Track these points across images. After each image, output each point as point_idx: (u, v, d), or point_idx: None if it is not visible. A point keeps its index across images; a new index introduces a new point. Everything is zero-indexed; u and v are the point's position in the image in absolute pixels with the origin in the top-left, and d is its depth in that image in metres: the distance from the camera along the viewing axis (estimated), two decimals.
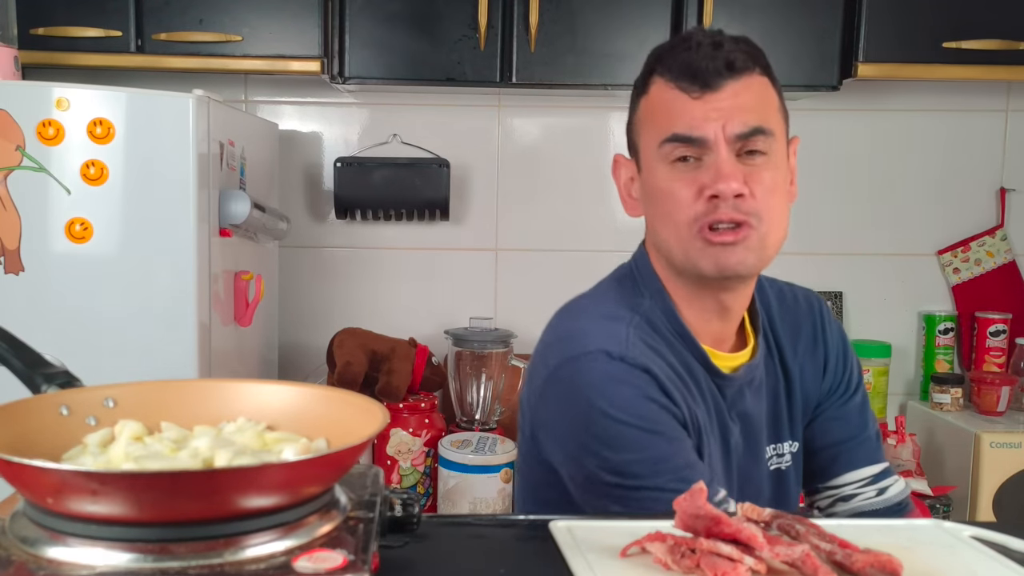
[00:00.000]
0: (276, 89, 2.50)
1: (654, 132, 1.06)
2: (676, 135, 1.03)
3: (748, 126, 1.02)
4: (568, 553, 0.74)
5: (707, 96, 1.02)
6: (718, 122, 1.02)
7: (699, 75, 1.02)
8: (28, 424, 0.69)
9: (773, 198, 1.05)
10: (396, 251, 2.53)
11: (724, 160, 1.02)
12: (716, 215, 1.02)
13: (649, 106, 1.08)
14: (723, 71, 1.02)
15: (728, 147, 1.02)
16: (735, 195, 1.02)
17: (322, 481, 0.64)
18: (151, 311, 1.74)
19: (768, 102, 1.06)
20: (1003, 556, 0.75)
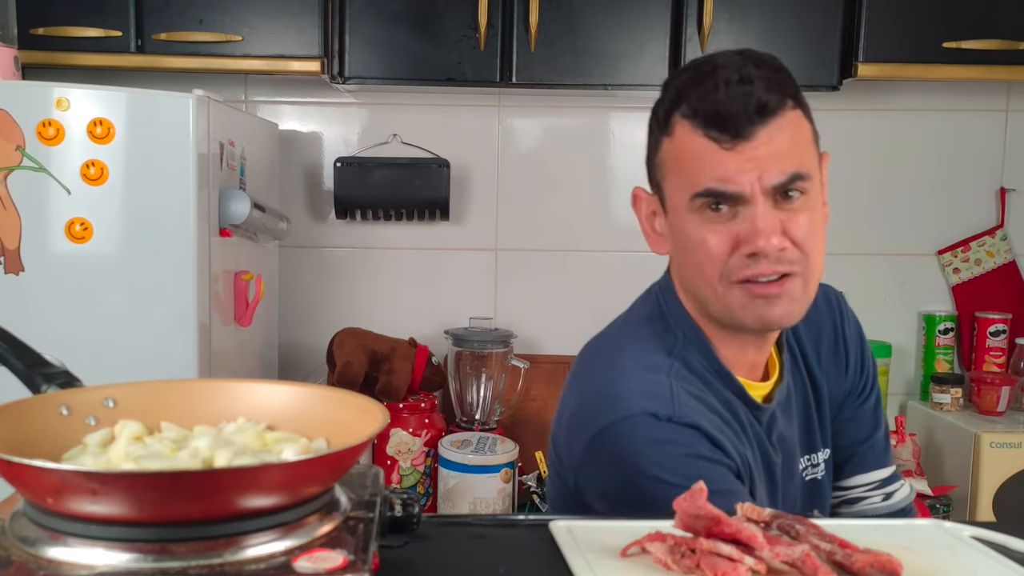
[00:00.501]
0: (276, 89, 2.50)
1: (682, 182, 1.00)
2: (709, 190, 0.97)
3: (786, 174, 0.96)
4: (568, 553, 0.74)
5: (739, 146, 0.95)
6: (753, 173, 0.95)
7: (729, 122, 0.95)
8: (28, 424, 0.69)
9: (814, 240, 0.99)
10: (396, 251, 2.53)
11: (761, 214, 0.96)
12: (756, 270, 0.97)
13: (675, 151, 1.00)
14: (754, 117, 0.95)
15: (765, 198, 0.96)
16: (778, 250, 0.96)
17: (322, 481, 0.64)
18: (151, 311, 1.74)
19: (803, 139, 0.99)
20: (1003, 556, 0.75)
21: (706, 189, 0.97)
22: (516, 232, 2.54)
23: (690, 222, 1.00)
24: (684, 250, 1.02)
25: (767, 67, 0.98)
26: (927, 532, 0.81)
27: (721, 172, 0.95)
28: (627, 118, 2.52)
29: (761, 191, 0.95)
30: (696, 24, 2.14)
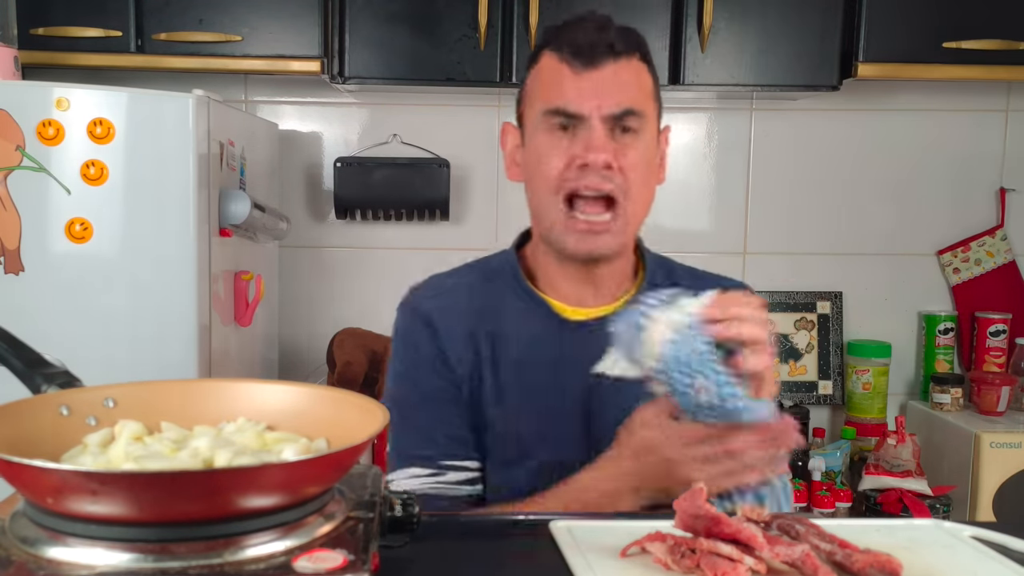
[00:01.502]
0: (276, 89, 2.50)
1: (538, 102, 1.14)
2: (557, 108, 1.11)
3: (622, 107, 1.10)
4: (568, 553, 0.74)
5: (588, 73, 1.10)
6: (594, 100, 1.09)
7: (583, 52, 1.10)
8: (28, 424, 0.69)
9: (638, 174, 1.12)
10: (396, 251, 2.52)
11: (596, 134, 1.09)
12: (583, 182, 1.10)
13: (537, 76, 1.15)
14: (605, 51, 1.10)
15: (602, 124, 1.09)
16: (603, 165, 1.09)
17: (322, 481, 0.64)
18: (151, 311, 1.74)
19: (643, 86, 1.13)
20: (1003, 556, 0.75)
21: (555, 107, 1.11)
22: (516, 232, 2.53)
23: (539, 139, 1.14)
24: (531, 167, 1.16)
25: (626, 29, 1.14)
26: (927, 532, 0.81)
27: (570, 94, 1.10)
28: None
29: (599, 117, 1.09)
30: (696, 24, 2.14)
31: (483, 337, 1.17)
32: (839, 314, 2.56)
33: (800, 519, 0.75)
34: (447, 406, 1.15)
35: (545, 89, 1.13)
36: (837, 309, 2.56)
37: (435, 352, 1.17)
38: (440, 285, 1.24)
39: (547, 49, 1.14)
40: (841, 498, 2.21)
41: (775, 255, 2.56)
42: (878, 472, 2.19)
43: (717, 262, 2.57)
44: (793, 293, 2.55)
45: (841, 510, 2.20)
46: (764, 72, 2.18)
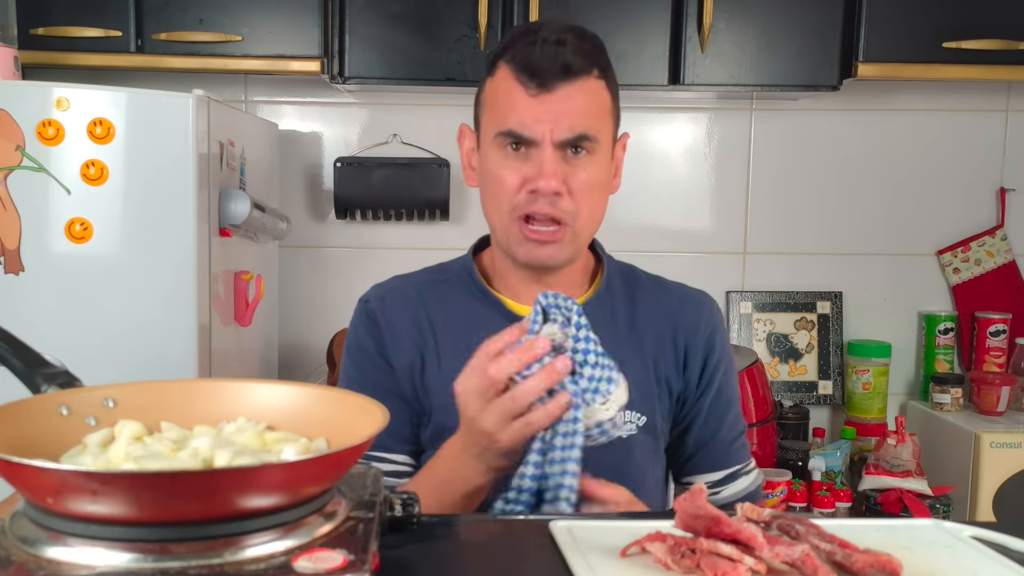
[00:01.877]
0: (276, 89, 2.50)
1: (492, 119, 1.15)
2: (510, 131, 1.12)
3: (574, 132, 1.10)
4: (568, 553, 0.74)
5: (542, 96, 1.10)
6: (547, 125, 1.10)
7: (537, 74, 1.09)
8: (28, 424, 0.69)
9: (590, 196, 1.14)
10: (396, 251, 2.52)
11: (547, 159, 1.10)
12: (534, 208, 1.12)
13: (492, 90, 1.16)
14: (559, 73, 1.09)
15: (553, 148, 1.11)
16: (553, 192, 1.11)
17: (322, 481, 0.64)
18: (151, 311, 1.74)
19: (598, 106, 1.13)
20: (1003, 556, 0.75)
21: (508, 130, 1.12)
22: None
23: (493, 157, 1.15)
24: (486, 182, 1.18)
25: (586, 41, 1.13)
26: (927, 532, 0.81)
27: (523, 116, 1.11)
28: (627, 118, 2.50)
29: (551, 141, 1.10)
30: (696, 24, 2.14)
31: (427, 329, 1.21)
32: (839, 314, 2.56)
33: (800, 519, 0.75)
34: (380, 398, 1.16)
35: (499, 108, 1.14)
36: (837, 309, 2.56)
37: (373, 345, 1.22)
38: (391, 283, 1.30)
39: (503, 61, 1.14)
40: (841, 498, 2.21)
41: (775, 255, 2.56)
42: (878, 472, 2.19)
43: (717, 262, 2.57)
44: (793, 293, 2.55)
45: (841, 510, 2.20)
46: (764, 72, 2.18)
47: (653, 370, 1.21)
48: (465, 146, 1.25)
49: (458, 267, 1.28)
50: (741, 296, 2.55)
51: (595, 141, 1.13)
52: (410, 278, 1.30)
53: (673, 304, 1.25)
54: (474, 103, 1.23)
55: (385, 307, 1.24)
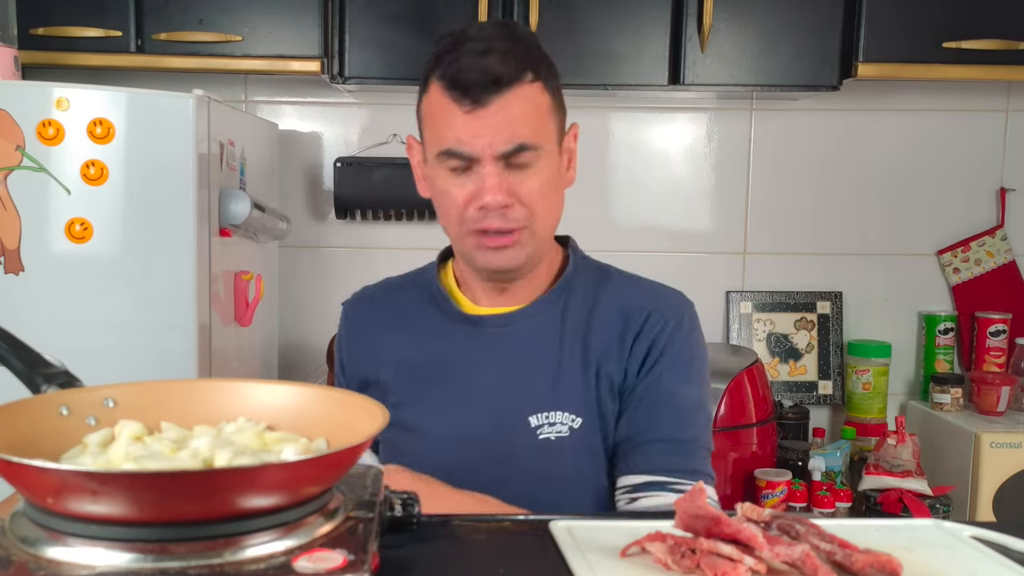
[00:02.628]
0: (276, 89, 2.50)
1: (432, 138, 1.15)
2: (449, 150, 1.11)
3: (513, 143, 1.09)
4: (568, 553, 0.74)
5: (476, 112, 1.09)
6: (485, 139, 1.09)
7: (468, 91, 1.08)
8: (28, 424, 0.69)
9: (542, 200, 1.13)
10: (396, 251, 2.52)
11: (489, 174, 1.10)
12: (485, 223, 1.12)
13: (428, 108, 1.16)
14: (489, 86, 1.08)
15: (494, 162, 1.10)
16: (501, 207, 1.10)
17: (322, 481, 0.64)
18: (151, 311, 1.74)
19: (535, 110, 1.11)
20: (1003, 556, 0.75)
21: (447, 149, 1.12)
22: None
23: (438, 174, 1.15)
24: (436, 198, 1.19)
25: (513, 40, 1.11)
26: (927, 532, 0.81)
27: (460, 134, 1.10)
28: (627, 118, 2.53)
29: (492, 156, 1.09)
30: (696, 24, 2.14)
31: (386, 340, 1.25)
32: (839, 314, 2.56)
33: (800, 519, 0.75)
34: None
35: (436, 127, 1.14)
36: (837, 309, 2.56)
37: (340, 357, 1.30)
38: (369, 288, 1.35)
39: (434, 78, 1.13)
40: (841, 498, 2.21)
41: (775, 255, 2.56)
42: (878, 472, 2.19)
43: (717, 262, 2.57)
44: (793, 293, 2.55)
45: (841, 510, 2.20)
46: (764, 72, 2.18)
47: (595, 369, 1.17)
48: (415, 157, 1.25)
49: (425, 271, 1.32)
50: (741, 296, 2.55)
51: (537, 148, 1.11)
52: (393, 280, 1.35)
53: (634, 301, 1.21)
54: (416, 117, 1.23)
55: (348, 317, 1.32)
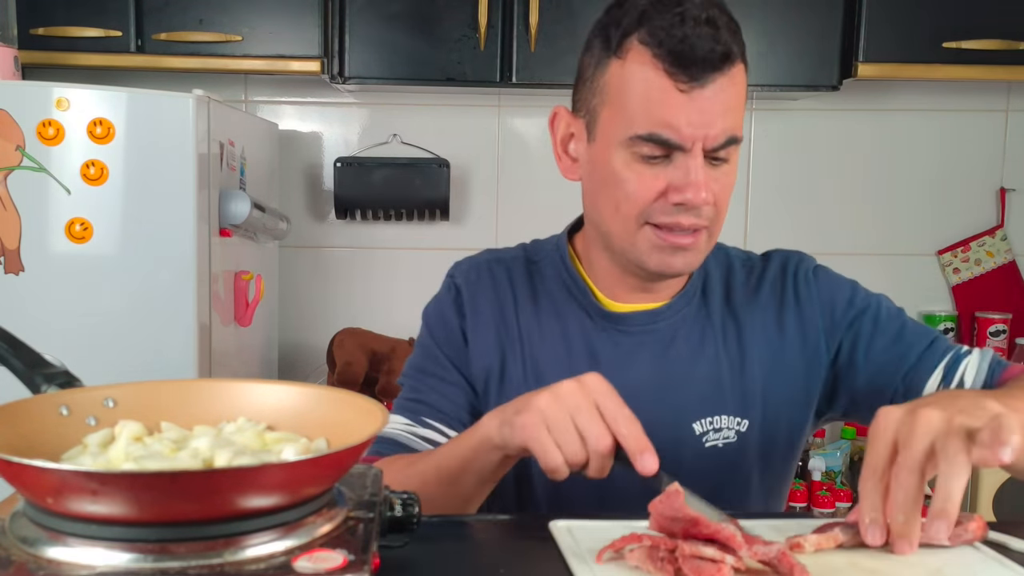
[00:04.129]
0: (276, 89, 2.50)
1: (624, 116, 0.96)
2: (654, 135, 0.95)
3: (727, 135, 0.96)
4: (568, 554, 0.74)
5: (694, 92, 0.93)
6: (700, 130, 0.94)
7: (693, 64, 0.92)
8: (28, 424, 0.69)
9: (728, 195, 1.01)
10: (396, 251, 2.52)
11: (697, 168, 0.95)
12: (677, 220, 0.97)
13: (624, 79, 0.96)
14: (717, 63, 0.92)
15: (704, 156, 0.96)
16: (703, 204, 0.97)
17: (322, 481, 0.64)
18: (151, 311, 1.74)
19: (743, 99, 0.99)
20: (1003, 556, 0.75)
21: (651, 134, 0.95)
22: (516, 232, 2.52)
23: (620, 158, 0.98)
24: (604, 183, 1.01)
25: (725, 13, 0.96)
26: None
27: (670, 118, 0.93)
28: None
29: (703, 148, 0.95)
30: None
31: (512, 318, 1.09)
32: None
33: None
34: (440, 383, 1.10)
35: (636, 103, 0.95)
36: None
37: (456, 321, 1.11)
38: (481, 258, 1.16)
39: (640, 41, 0.94)
40: (841, 498, 2.21)
41: None
42: None
43: None
44: None
45: (841, 510, 2.20)
46: (764, 72, 2.18)
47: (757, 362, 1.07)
48: (561, 131, 1.06)
49: (551, 247, 1.15)
50: None
51: (740, 142, 0.99)
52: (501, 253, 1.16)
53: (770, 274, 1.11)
54: (581, 86, 1.03)
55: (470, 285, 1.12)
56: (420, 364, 1.13)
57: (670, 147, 0.95)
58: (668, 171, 0.96)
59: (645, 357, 1.07)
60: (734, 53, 0.94)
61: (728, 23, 0.95)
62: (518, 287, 1.12)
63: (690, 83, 0.92)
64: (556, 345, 1.08)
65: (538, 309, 1.10)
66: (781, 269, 1.12)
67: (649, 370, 1.06)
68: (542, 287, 1.11)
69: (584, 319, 1.09)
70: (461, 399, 1.10)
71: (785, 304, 1.09)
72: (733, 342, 1.08)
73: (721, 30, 0.93)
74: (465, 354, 1.10)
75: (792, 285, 1.10)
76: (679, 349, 1.07)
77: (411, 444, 1.07)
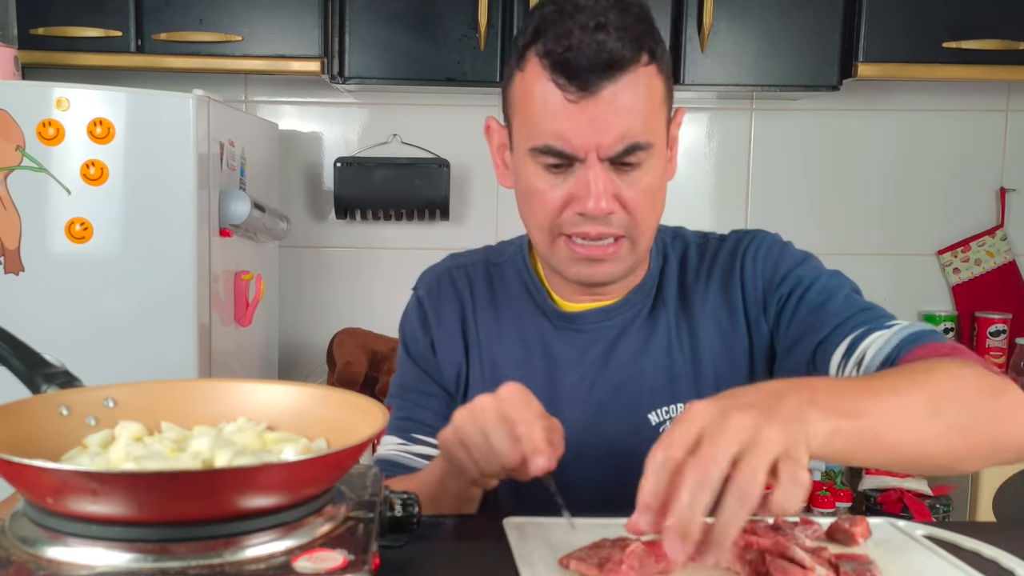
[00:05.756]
0: (276, 89, 2.50)
1: (525, 127, 0.98)
2: (547, 147, 0.95)
3: (624, 142, 0.93)
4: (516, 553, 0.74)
5: (583, 101, 0.92)
6: (592, 137, 0.93)
7: (577, 73, 0.91)
8: (28, 424, 0.69)
9: (649, 202, 0.98)
10: (396, 251, 2.52)
11: (594, 177, 0.94)
12: (584, 229, 0.97)
13: (524, 90, 0.97)
14: (603, 71, 0.91)
15: (600, 163, 0.94)
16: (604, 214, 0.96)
17: (322, 481, 0.64)
18: (151, 311, 1.74)
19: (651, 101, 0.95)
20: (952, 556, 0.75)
21: (544, 145, 0.95)
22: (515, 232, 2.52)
23: (529, 168, 0.99)
24: (523, 194, 1.02)
25: (629, 14, 0.94)
26: (880, 531, 0.81)
27: (562, 128, 0.93)
28: None
29: (598, 157, 0.94)
30: (696, 24, 2.14)
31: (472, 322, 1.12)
32: None
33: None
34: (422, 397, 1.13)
35: (532, 115, 0.96)
36: None
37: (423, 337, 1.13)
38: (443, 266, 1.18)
39: (532, 52, 0.95)
40: (841, 498, 2.21)
41: None
42: (878, 472, 2.19)
43: None
44: None
45: (841, 510, 2.20)
46: (764, 72, 2.18)
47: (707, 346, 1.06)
48: (495, 142, 1.08)
49: (514, 249, 1.16)
50: None
51: (649, 146, 0.95)
52: (463, 258, 1.18)
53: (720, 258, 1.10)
54: (502, 96, 1.04)
55: (432, 296, 1.14)
56: (402, 381, 1.16)
57: (565, 157, 0.95)
58: (570, 181, 0.96)
59: (599, 353, 1.08)
60: (625, 58, 0.92)
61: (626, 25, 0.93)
62: (477, 291, 1.13)
63: (578, 93, 0.92)
64: (514, 346, 1.10)
65: (497, 312, 1.12)
66: (732, 249, 1.11)
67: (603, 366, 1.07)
68: (502, 290, 1.13)
69: (541, 319, 1.10)
70: (444, 410, 1.12)
71: (732, 284, 1.08)
72: (684, 329, 1.08)
73: (611, 36, 0.91)
74: (436, 365, 1.13)
75: (739, 264, 1.09)
76: (632, 342, 1.08)
77: (407, 463, 1.10)
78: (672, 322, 1.08)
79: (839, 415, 0.71)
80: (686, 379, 1.06)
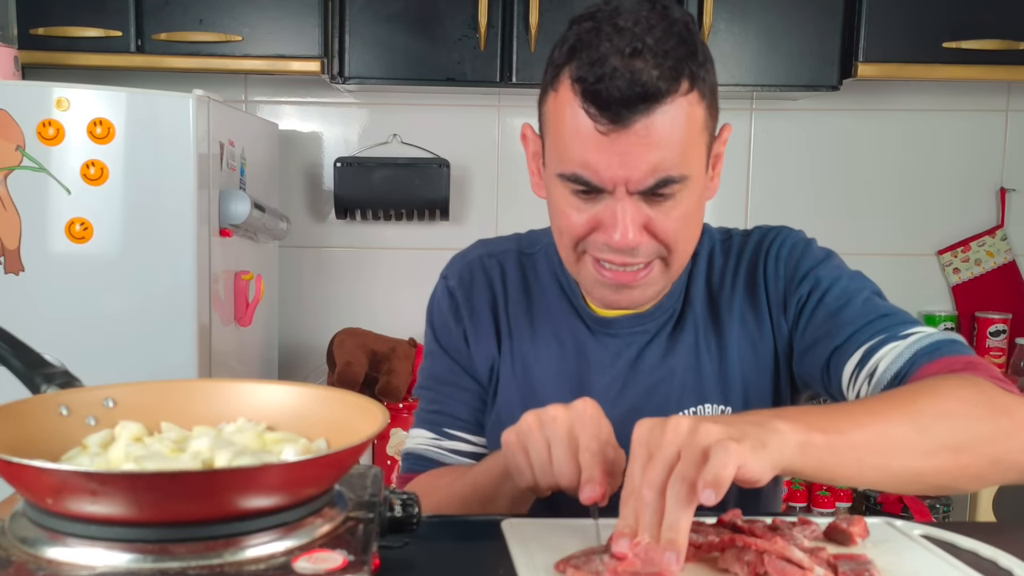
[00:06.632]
0: (276, 89, 2.50)
1: (554, 150, 0.95)
2: (576, 176, 0.91)
3: (655, 177, 0.89)
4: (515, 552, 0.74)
5: (614, 134, 0.87)
6: (621, 172, 0.89)
7: (609, 106, 0.86)
8: (28, 424, 0.69)
9: (683, 229, 0.96)
10: (396, 251, 2.52)
11: (621, 211, 0.91)
12: (609, 256, 0.94)
13: (556, 110, 0.93)
14: (637, 103, 0.86)
15: (629, 197, 0.91)
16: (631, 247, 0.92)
17: (322, 481, 0.64)
18: (151, 311, 1.74)
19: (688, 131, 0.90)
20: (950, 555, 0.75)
21: (573, 174, 0.92)
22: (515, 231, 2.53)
23: (558, 191, 0.96)
24: (552, 209, 1.00)
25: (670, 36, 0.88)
26: (878, 531, 0.81)
27: (591, 159, 0.89)
28: None
29: (627, 192, 0.90)
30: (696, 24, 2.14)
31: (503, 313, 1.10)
32: None
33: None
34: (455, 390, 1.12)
35: (562, 139, 0.92)
36: None
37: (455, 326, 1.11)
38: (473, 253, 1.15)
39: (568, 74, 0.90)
40: (841, 498, 2.21)
41: None
42: None
43: None
44: None
45: (841, 510, 2.20)
46: (764, 72, 2.18)
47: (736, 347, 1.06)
48: (530, 149, 1.05)
49: (547, 241, 1.11)
50: None
51: (684, 179, 0.91)
52: (494, 246, 1.16)
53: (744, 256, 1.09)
54: (538, 107, 1.00)
55: (464, 286, 1.11)
56: (434, 372, 1.13)
57: (593, 187, 0.92)
58: (598, 207, 0.93)
59: (631, 357, 1.07)
60: (660, 90, 0.86)
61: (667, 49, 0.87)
62: (510, 282, 1.12)
63: (609, 125, 0.87)
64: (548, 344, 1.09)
65: (529, 305, 1.10)
66: (756, 247, 1.10)
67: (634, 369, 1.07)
68: (535, 283, 1.11)
69: (575, 320, 1.09)
70: (478, 403, 1.11)
71: (756, 283, 1.07)
72: (711, 329, 1.07)
73: (648, 63, 0.86)
74: (470, 357, 1.11)
75: (763, 263, 1.08)
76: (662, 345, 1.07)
77: (440, 458, 1.09)
78: (700, 323, 1.08)
79: (809, 428, 0.71)
80: (713, 379, 1.06)
